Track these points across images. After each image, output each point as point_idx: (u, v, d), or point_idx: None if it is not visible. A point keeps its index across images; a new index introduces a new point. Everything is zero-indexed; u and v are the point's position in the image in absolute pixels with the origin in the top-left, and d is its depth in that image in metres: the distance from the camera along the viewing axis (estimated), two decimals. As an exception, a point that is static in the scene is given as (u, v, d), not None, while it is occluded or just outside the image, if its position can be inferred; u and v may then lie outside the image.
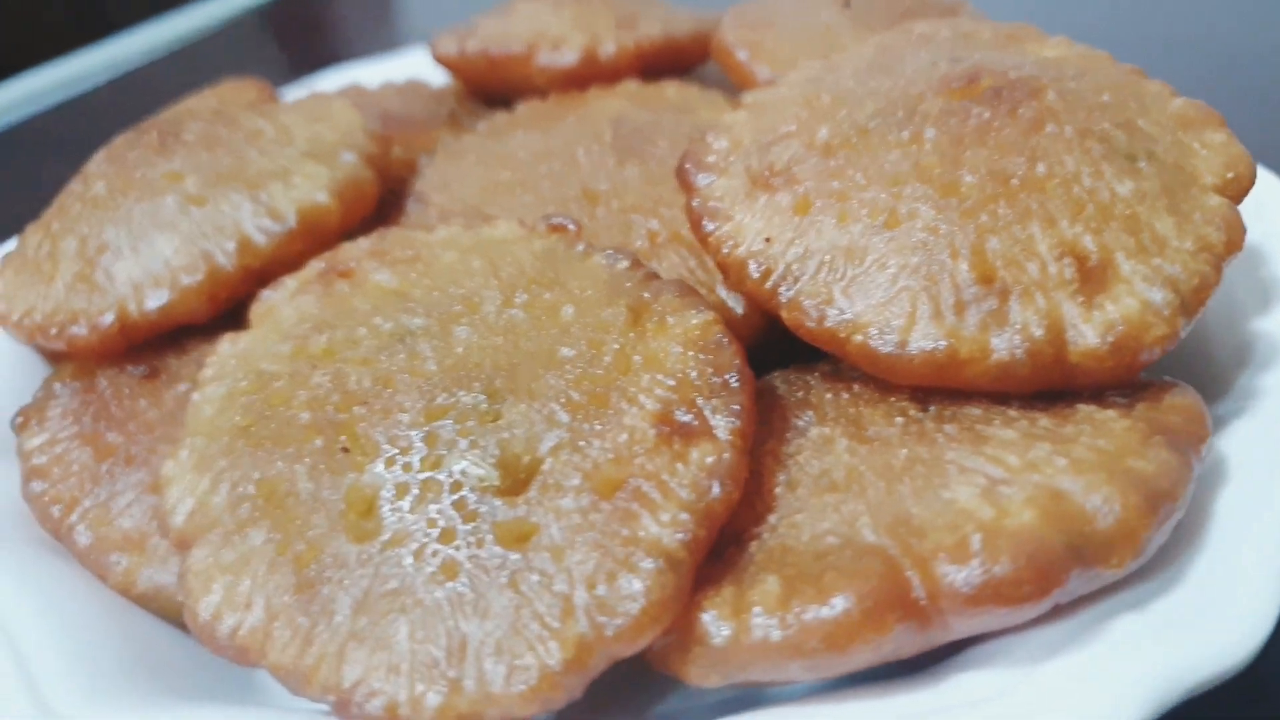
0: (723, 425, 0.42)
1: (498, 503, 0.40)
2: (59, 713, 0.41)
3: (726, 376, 0.43)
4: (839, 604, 0.37)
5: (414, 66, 0.88)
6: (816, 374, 0.49)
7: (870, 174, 0.47)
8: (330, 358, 0.46)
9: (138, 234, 0.57)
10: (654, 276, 0.48)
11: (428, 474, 0.41)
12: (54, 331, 0.56)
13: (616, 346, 0.44)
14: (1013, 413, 0.43)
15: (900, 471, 0.41)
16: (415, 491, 0.41)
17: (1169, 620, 0.38)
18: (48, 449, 0.53)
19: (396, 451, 0.42)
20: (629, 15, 0.72)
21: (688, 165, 0.52)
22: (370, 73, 0.86)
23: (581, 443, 0.41)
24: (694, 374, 0.43)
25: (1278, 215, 0.57)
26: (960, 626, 0.37)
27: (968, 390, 0.44)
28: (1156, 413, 0.43)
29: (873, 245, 0.45)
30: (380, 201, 0.62)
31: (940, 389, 0.44)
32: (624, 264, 0.48)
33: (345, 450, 0.43)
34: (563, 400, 0.42)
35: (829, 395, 0.47)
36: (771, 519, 0.42)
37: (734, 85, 0.68)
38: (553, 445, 0.41)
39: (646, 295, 0.46)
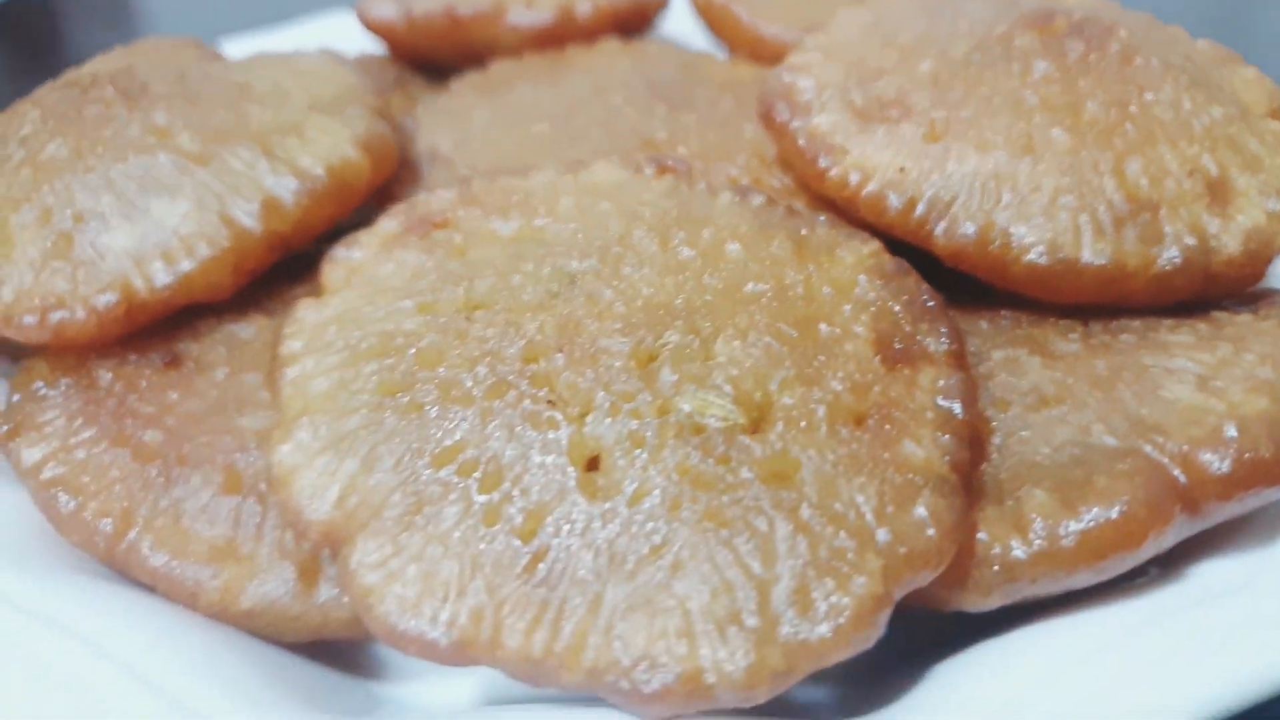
0: (938, 347, 0.41)
1: (747, 441, 0.37)
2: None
3: (922, 299, 0.42)
4: (1124, 504, 0.37)
5: (313, 36, 0.80)
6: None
7: (994, 103, 0.48)
8: (485, 309, 0.41)
9: (128, 199, 0.48)
10: (794, 211, 0.46)
11: (661, 419, 0.38)
12: (30, 320, 0.46)
13: (800, 278, 0.42)
14: (1168, 322, 0.46)
15: (1109, 380, 0.42)
16: (652, 438, 0.37)
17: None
18: (63, 458, 0.44)
19: (616, 399, 0.38)
20: (589, -27, 0.70)
21: (779, 105, 0.51)
22: (273, 43, 0.78)
23: (811, 375, 0.39)
24: (889, 301, 0.42)
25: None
26: (1220, 513, 0.39)
27: (1122, 304, 0.46)
28: (1282, 314, 0.46)
29: (1020, 170, 0.46)
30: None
31: (1096, 304, 0.46)
32: (759, 199, 0.46)
33: (550, 403, 0.38)
34: (774, 334, 0.40)
35: (984, 323, 0.47)
36: (994, 440, 0.41)
37: (726, 42, 0.68)
38: (783, 379, 0.39)
39: (803, 230, 0.45)
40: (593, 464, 0.37)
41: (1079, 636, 0.37)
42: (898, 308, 0.42)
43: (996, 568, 0.37)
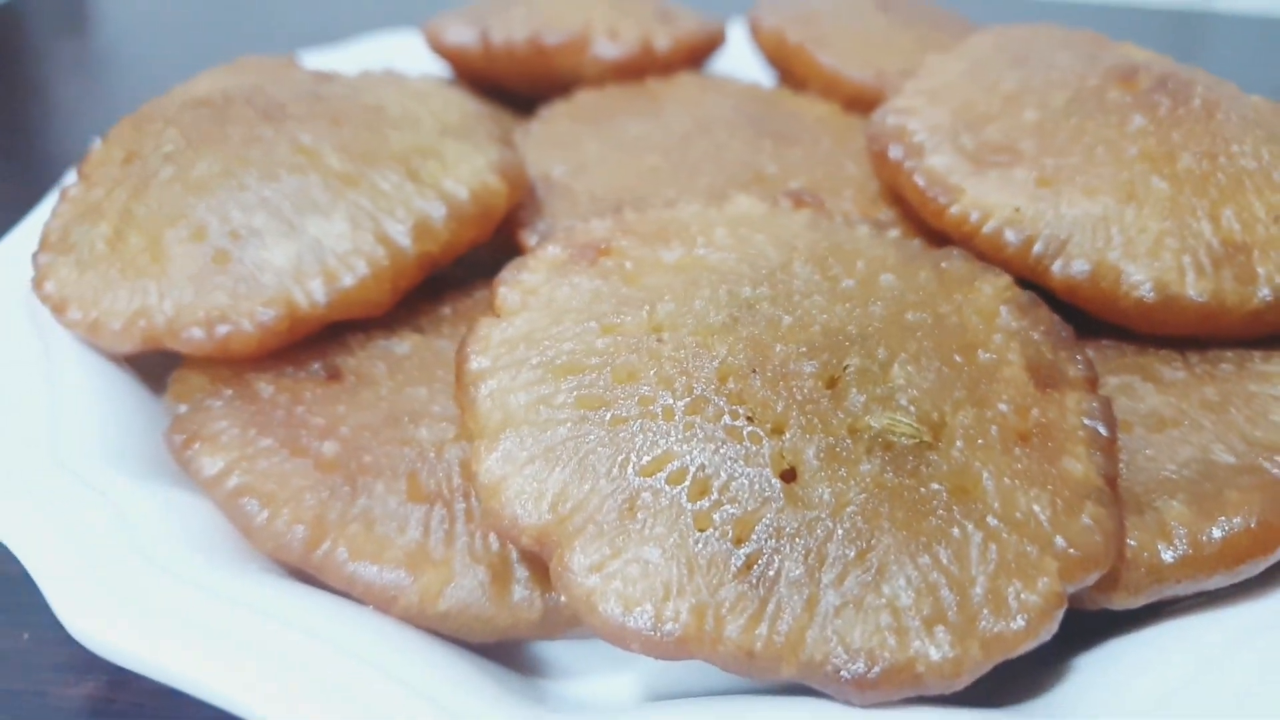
0: (1077, 373, 0.47)
1: (933, 456, 0.43)
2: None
3: (1058, 330, 0.49)
4: (1256, 515, 0.44)
5: (370, 56, 0.84)
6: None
7: (1098, 153, 0.54)
8: (672, 331, 0.46)
9: (284, 217, 0.52)
10: (928, 244, 0.52)
11: (853, 436, 0.43)
12: (196, 333, 0.50)
13: (952, 308, 0.48)
14: (1259, 354, 0.52)
15: (1220, 405, 0.49)
16: (846, 453, 0.42)
17: None
18: (246, 467, 0.47)
19: (811, 417, 0.43)
20: (659, 8, 0.75)
21: (893, 146, 0.57)
22: (335, 62, 0.81)
23: (980, 397, 0.45)
24: (1030, 330, 0.48)
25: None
26: (1334, 525, 0.45)
27: (1215, 336, 0.52)
28: (1347, 348, 0.54)
29: (1126, 214, 0.52)
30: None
31: (1192, 336, 0.52)
32: (895, 232, 0.52)
33: (749, 419, 0.43)
34: (942, 359, 0.46)
35: (1091, 352, 0.53)
36: (1123, 457, 0.47)
37: (798, 79, 0.73)
38: (955, 401, 0.45)
39: (943, 263, 0.51)
40: (788, 475, 0.42)
41: (1217, 635, 0.43)
42: (1038, 336, 0.48)
43: (1144, 570, 0.43)
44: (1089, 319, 0.54)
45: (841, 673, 0.39)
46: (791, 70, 0.74)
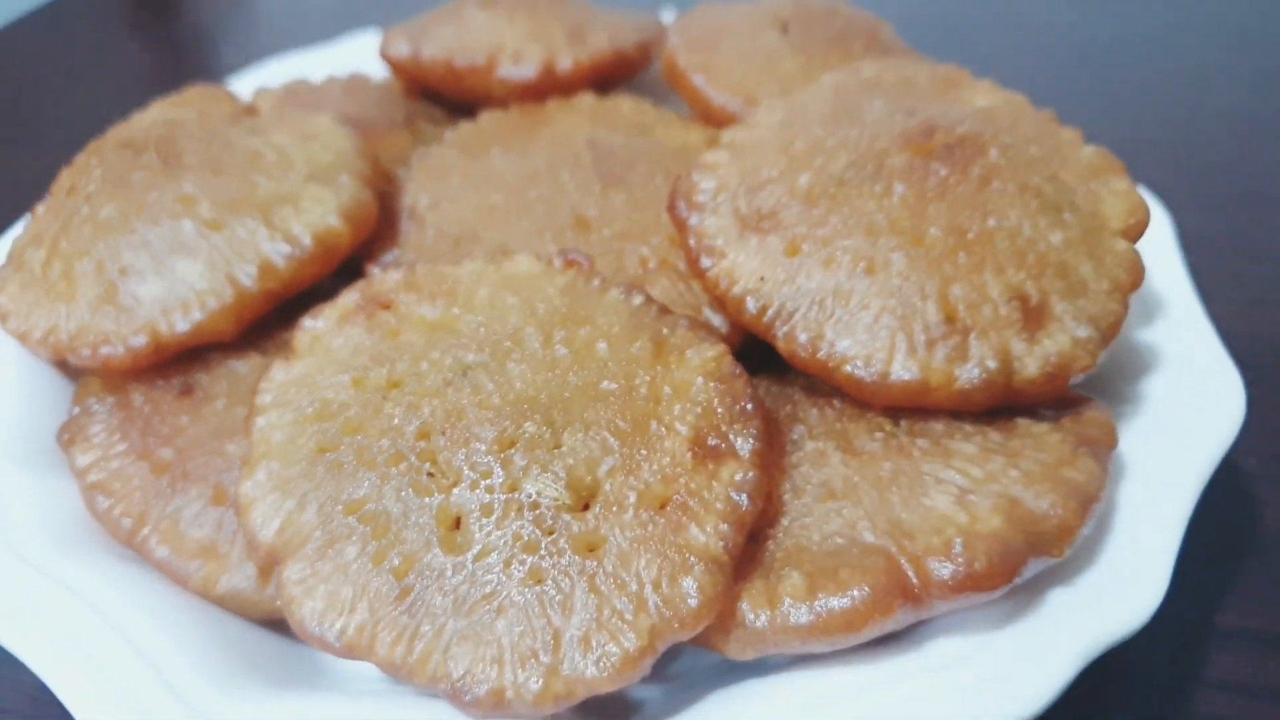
0: (744, 447, 0.55)
1: (569, 518, 0.52)
2: (204, 710, 0.51)
3: (743, 404, 0.56)
4: (855, 594, 0.50)
5: (348, 56, 0.96)
6: (797, 388, 0.62)
7: (850, 224, 0.60)
8: (398, 389, 0.57)
9: (159, 258, 0.65)
10: (666, 311, 0.60)
11: (508, 495, 0.53)
12: (86, 352, 0.64)
13: (648, 379, 0.56)
14: (969, 427, 0.58)
15: (888, 482, 0.55)
16: (499, 510, 0.52)
17: (1090, 592, 0.54)
18: (103, 465, 0.62)
19: (478, 476, 0.53)
20: (576, 26, 0.82)
21: (680, 203, 0.64)
22: (310, 64, 0.93)
23: (632, 466, 0.53)
24: (715, 402, 0.56)
25: (1151, 236, 0.73)
26: (943, 608, 0.51)
27: (933, 410, 0.58)
28: (1079, 426, 0.58)
29: (856, 289, 0.58)
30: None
31: (910, 408, 0.58)
32: (639, 300, 0.60)
33: (430, 475, 0.54)
34: (611, 429, 0.54)
35: (815, 411, 0.60)
36: (784, 522, 0.55)
37: (687, 103, 0.80)
38: (609, 468, 0.53)
39: (665, 331, 0.58)
40: (455, 524, 0.53)
41: (818, 689, 0.51)
42: (721, 409, 0.55)
43: (749, 631, 0.52)
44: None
45: (449, 690, 0.50)
46: (682, 95, 0.80)
